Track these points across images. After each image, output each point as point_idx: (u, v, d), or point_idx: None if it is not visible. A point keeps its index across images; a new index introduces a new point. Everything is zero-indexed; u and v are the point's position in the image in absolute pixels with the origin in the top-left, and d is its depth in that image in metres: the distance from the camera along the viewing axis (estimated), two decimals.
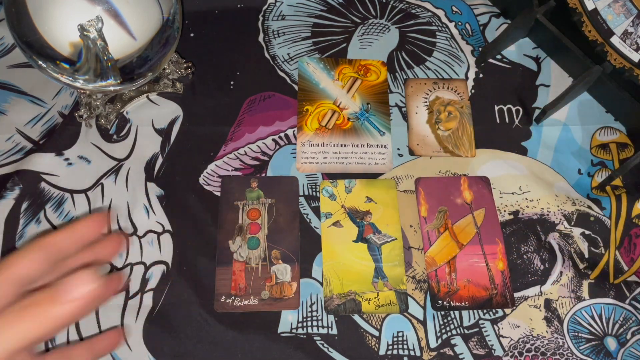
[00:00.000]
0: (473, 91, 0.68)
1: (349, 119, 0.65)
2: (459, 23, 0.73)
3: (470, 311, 0.56)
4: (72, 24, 0.49)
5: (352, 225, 0.59)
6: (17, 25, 0.52)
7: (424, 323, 0.56)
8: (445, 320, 0.56)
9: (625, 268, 0.59)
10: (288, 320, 0.55)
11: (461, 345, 0.55)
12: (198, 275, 0.57)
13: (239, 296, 0.55)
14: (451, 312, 0.56)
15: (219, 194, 0.60)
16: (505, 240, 0.59)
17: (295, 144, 0.64)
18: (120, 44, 0.53)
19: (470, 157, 0.64)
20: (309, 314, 0.55)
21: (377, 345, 0.55)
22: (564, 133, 0.66)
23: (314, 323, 0.55)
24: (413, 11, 0.73)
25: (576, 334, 0.56)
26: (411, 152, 0.64)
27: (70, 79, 0.54)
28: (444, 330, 0.56)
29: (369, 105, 0.66)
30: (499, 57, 0.70)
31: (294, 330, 0.55)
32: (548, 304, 0.57)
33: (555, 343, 0.55)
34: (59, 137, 0.62)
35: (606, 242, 0.60)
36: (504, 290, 0.57)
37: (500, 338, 0.55)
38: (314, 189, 0.61)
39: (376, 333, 0.55)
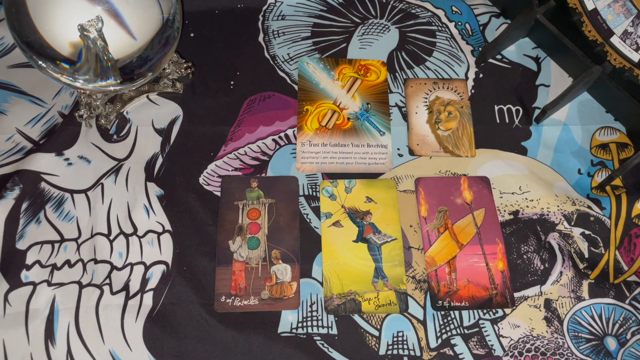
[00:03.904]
0: (473, 91, 0.68)
1: (349, 119, 0.65)
2: (459, 23, 0.73)
3: (470, 311, 0.56)
4: (72, 24, 0.49)
5: (352, 225, 0.59)
6: (17, 25, 0.52)
7: (424, 323, 0.56)
8: (445, 320, 0.56)
9: (625, 268, 0.59)
10: (288, 320, 0.55)
11: (461, 345, 0.55)
12: (198, 275, 0.57)
13: (239, 296, 0.55)
14: (451, 312, 0.56)
15: (219, 194, 0.60)
16: (505, 240, 0.59)
17: (295, 144, 0.64)
18: (120, 44, 0.53)
19: (470, 157, 0.64)
20: (309, 314, 0.55)
21: (377, 345, 0.55)
22: (564, 133, 0.66)
23: (314, 323, 0.55)
24: (413, 11, 0.73)
25: (576, 334, 0.56)
26: (411, 152, 0.64)
27: (70, 79, 0.54)
28: (444, 330, 0.56)
29: (369, 105, 0.66)
30: (499, 57, 0.70)
31: (294, 330, 0.55)
32: (548, 304, 0.57)
33: (555, 343, 0.55)
34: (59, 137, 0.62)
35: (606, 242, 0.60)
36: (504, 290, 0.57)
37: (500, 338, 0.55)
38: (314, 189, 0.61)
39: (376, 333, 0.55)
